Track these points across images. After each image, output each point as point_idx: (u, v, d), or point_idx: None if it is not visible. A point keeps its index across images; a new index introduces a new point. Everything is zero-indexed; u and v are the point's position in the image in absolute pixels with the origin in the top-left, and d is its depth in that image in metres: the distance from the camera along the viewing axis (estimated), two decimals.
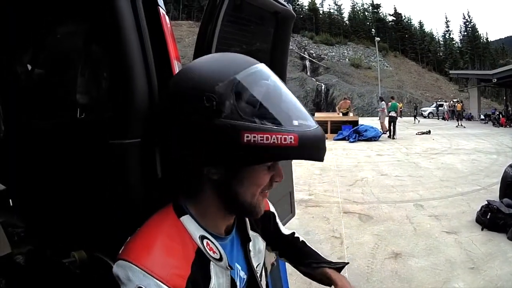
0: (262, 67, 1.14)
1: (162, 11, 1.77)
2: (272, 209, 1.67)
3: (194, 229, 1.15)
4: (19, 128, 2.38)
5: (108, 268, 1.03)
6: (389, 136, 23.70)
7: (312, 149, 1.06)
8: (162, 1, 1.80)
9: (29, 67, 2.52)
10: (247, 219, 1.40)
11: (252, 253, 1.38)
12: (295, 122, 1.05)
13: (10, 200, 2.58)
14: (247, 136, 0.97)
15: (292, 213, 3.89)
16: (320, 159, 1.09)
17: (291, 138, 1.00)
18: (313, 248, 1.77)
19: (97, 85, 2.13)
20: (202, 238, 1.15)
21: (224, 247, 1.22)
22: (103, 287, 1.10)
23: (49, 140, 2.12)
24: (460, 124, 36.26)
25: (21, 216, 2.52)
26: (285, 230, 1.74)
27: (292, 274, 3.32)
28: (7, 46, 2.52)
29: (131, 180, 1.65)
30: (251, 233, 1.40)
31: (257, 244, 1.45)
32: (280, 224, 1.72)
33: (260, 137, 0.98)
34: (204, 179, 1.14)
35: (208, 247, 1.15)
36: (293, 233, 1.76)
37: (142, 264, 0.98)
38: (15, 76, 2.51)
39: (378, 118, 29.37)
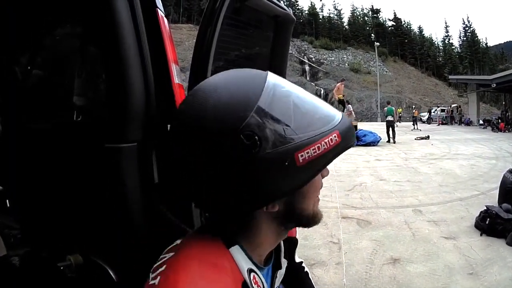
0: (273, 78, 1.03)
1: (161, 13, 1.77)
2: (296, 237, 1.53)
3: (243, 262, 1.05)
4: (16, 129, 2.37)
5: (103, 272, 1.00)
6: (388, 141, 23.75)
7: (350, 136, 1.04)
8: (161, 4, 1.80)
9: (27, 68, 2.54)
10: (282, 246, 1.31)
11: (277, 280, 1.30)
12: (328, 119, 1.01)
13: (7, 201, 2.58)
14: (301, 155, 0.92)
15: None
16: (354, 144, 1.08)
17: (335, 136, 0.98)
18: (312, 282, 1.71)
19: (94, 87, 2.14)
20: (250, 271, 1.06)
21: (265, 277, 1.15)
22: None
23: (46, 142, 2.12)
24: (415, 128, 37.91)
25: (18, 217, 2.53)
26: (297, 257, 1.67)
27: None
28: (5, 47, 2.52)
29: (127, 184, 1.64)
30: (283, 260, 1.32)
31: (283, 270, 1.36)
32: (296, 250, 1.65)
33: (313, 149, 0.94)
34: (262, 215, 1.06)
35: (254, 280, 1.06)
36: (302, 262, 1.70)
37: None
38: (13, 77, 2.52)
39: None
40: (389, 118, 24.24)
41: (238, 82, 1.01)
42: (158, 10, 1.75)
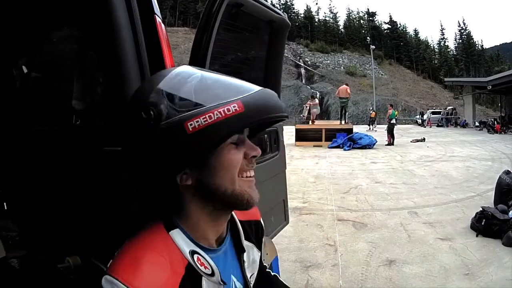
0: (183, 68, 1.15)
1: (159, 19, 1.79)
2: (262, 222, 1.59)
3: (184, 244, 1.12)
4: (15, 133, 2.39)
5: (102, 274, 1.01)
6: (391, 144, 24.02)
7: (263, 108, 1.05)
8: (158, 9, 1.82)
9: (25, 71, 2.54)
10: (240, 229, 1.35)
11: (246, 264, 1.34)
12: (236, 93, 1.04)
13: (5, 203, 2.61)
14: (191, 124, 0.98)
15: (286, 220, 3.90)
16: (282, 115, 1.09)
17: (234, 106, 1.00)
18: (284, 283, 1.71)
19: (92, 92, 2.17)
20: (193, 253, 1.12)
21: (217, 259, 1.19)
22: None
23: (43, 145, 2.15)
24: (371, 129, 39.15)
25: (17, 220, 2.53)
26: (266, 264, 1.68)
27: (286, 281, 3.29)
28: (3, 50, 2.53)
29: (125, 187, 1.67)
30: (246, 243, 1.36)
31: (252, 254, 1.41)
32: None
33: (203, 118, 0.98)
34: (182, 189, 1.13)
35: (199, 262, 1.12)
36: (266, 266, 1.68)
37: (128, 282, 0.95)
38: (11, 81, 2.53)
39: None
40: (393, 121, 24.70)
41: (155, 75, 1.15)
42: (156, 16, 1.78)
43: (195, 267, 1.09)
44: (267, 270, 1.66)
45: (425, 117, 56.06)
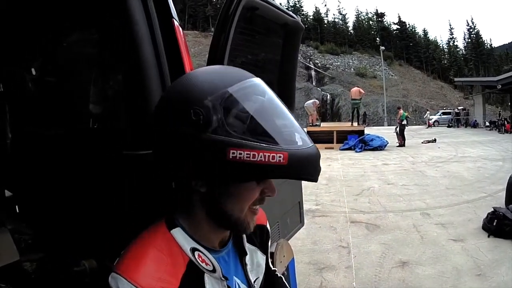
0: (258, 81, 1.12)
1: (176, 23, 1.81)
2: (268, 226, 1.58)
3: (185, 242, 1.14)
4: (29, 136, 2.41)
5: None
6: (402, 145, 23.94)
7: (303, 168, 1.03)
8: (176, 13, 1.84)
9: (39, 75, 2.56)
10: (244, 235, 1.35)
11: (249, 267, 1.34)
12: (288, 141, 1.03)
13: (17, 206, 2.61)
14: (233, 153, 0.96)
15: (301, 223, 3.94)
16: (313, 179, 1.06)
17: (280, 156, 0.98)
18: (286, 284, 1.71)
19: (112, 96, 2.18)
20: (194, 250, 1.14)
21: (219, 259, 1.20)
22: None
23: (60, 148, 2.18)
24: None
25: (31, 223, 2.53)
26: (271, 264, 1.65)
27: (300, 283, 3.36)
28: (19, 54, 2.58)
29: (145, 191, 1.71)
30: (248, 246, 1.36)
31: (255, 258, 1.41)
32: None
33: (247, 154, 0.96)
34: (193, 192, 1.12)
35: (200, 259, 1.13)
36: (275, 270, 1.67)
37: (130, 277, 0.99)
38: (25, 84, 2.56)
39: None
40: (404, 122, 24.63)
41: (223, 71, 1.16)
42: (174, 20, 1.81)
43: (196, 263, 1.12)
44: (276, 273, 1.67)
45: (425, 117, 56.06)
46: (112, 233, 1.87)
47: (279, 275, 1.68)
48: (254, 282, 1.36)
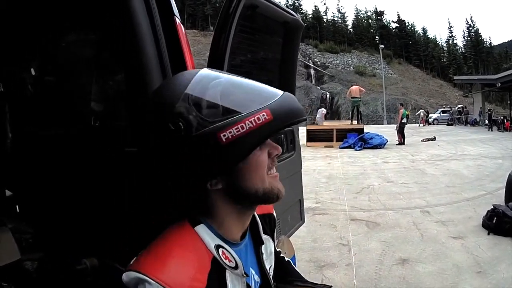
0: (206, 71, 1.16)
1: (178, 20, 1.82)
2: (275, 214, 1.61)
3: (209, 239, 1.13)
4: (30, 136, 2.42)
5: (119, 276, 1.06)
6: (401, 143, 23.92)
7: (288, 113, 1.08)
8: (177, 11, 1.84)
9: (40, 75, 2.56)
10: (259, 222, 1.37)
11: (264, 256, 1.36)
12: (263, 100, 1.07)
13: (17, 206, 2.62)
14: (224, 135, 1.00)
15: (302, 220, 3.94)
16: (303, 117, 1.12)
17: (263, 115, 1.03)
18: (297, 269, 1.76)
19: (113, 94, 2.19)
20: (218, 247, 1.13)
21: (239, 253, 1.20)
22: None
23: (62, 147, 2.18)
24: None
25: (32, 222, 2.52)
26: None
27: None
28: (19, 54, 2.57)
29: (147, 188, 1.68)
30: (264, 236, 1.37)
31: (269, 247, 1.43)
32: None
33: (236, 129, 1.00)
34: (211, 193, 1.14)
35: (224, 256, 1.13)
36: (280, 251, 1.74)
37: (158, 278, 0.96)
38: (25, 84, 2.56)
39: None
40: (404, 120, 24.60)
41: (174, 79, 1.18)
42: (176, 18, 1.81)
43: (220, 260, 1.11)
44: (281, 255, 1.72)
45: (416, 114, 56.10)
46: (114, 230, 1.90)
47: (286, 259, 1.74)
48: (269, 269, 1.38)
